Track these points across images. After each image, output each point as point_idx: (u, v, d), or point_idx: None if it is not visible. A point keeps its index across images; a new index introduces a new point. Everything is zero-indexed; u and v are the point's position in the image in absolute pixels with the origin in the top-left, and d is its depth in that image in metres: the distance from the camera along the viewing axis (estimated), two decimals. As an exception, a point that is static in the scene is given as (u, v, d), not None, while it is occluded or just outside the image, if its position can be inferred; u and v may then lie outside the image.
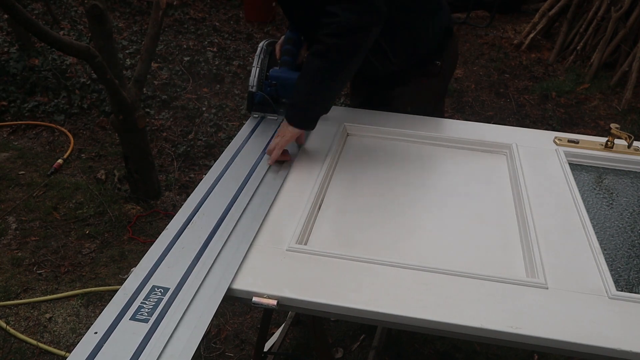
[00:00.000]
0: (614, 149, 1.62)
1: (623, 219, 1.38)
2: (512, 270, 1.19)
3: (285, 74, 1.61)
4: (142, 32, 4.55)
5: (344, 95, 4.04)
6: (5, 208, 2.76)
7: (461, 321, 1.01)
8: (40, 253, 2.50)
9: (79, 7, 4.82)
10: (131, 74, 3.52)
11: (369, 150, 1.61)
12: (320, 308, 1.04)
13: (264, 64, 1.65)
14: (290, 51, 1.62)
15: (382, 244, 1.25)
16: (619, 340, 0.99)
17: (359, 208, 1.37)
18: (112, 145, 3.34)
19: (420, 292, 1.07)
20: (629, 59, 4.08)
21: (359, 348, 2.11)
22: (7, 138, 3.40)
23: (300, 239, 1.20)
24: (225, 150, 1.53)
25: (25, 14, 1.97)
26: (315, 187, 1.37)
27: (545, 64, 4.54)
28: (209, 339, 2.13)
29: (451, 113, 3.89)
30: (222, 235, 1.19)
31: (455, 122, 1.80)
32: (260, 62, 1.65)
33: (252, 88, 1.64)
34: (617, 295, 1.09)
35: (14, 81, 3.76)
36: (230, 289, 1.05)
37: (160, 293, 1.02)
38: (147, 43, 2.57)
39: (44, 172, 3.05)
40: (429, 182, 1.48)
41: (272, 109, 1.69)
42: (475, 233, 1.30)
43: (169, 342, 0.92)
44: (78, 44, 2.16)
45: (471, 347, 2.10)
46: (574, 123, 3.81)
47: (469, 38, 4.96)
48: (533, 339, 0.99)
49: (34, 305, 2.25)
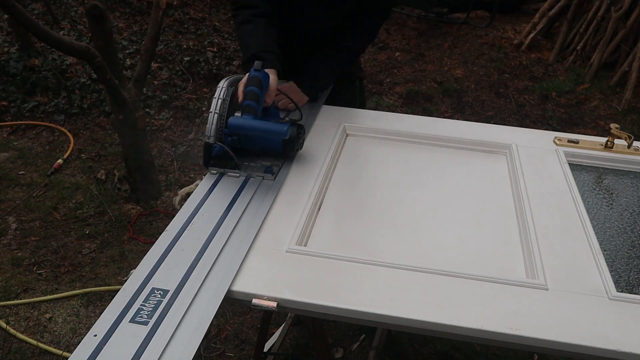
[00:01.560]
0: (613, 149, 1.62)
1: (623, 219, 1.38)
2: (512, 271, 1.18)
3: (249, 123, 1.37)
4: (142, 32, 4.55)
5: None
6: (5, 208, 2.76)
7: (461, 323, 1.01)
8: (40, 253, 2.50)
9: (79, 7, 4.82)
10: (131, 74, 3.52)
11: (369, 151, 1.61)
12: (320, 310, 1.04)
13: (224, 109, 1.38)
14: (255, 94, 1.39)
15: (382, 245, 1.25)
16: (619, 341, 0.99)
17: (358, 209, 1.36)
18: (112, 145, 3.34)
19: (420, 294, 1.07)
20: (629, 59, 4.08)
21: (359, 348, 2.11)
22: (7, 138, 3.40)
23: (300, 241, 1.20)
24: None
25: (25, 14, 1.97)
26: (315, 188, 1.37)
27: (545, 64, 4.54)
28: (209, 339, 2.13)
29: (451, 113, 3.88)
30: (221, 236, 1.18)
31: (455, 122, 1.80)
32: (219, 106, 1.37)
33: (209, 138, 1.35)
34: (617, 296, 1.09)
35: (14, 81, 3.76)
36: (230, 290, 1.04)
37: (160, 295, 1.02)
38: (147, 43, 2.57)
39: (44, 172, 3.05)
40: (429, 182, 1.48)
41: (233, 163, 1.40)
42: (475, 234, 1.30)
43: (169, 345, 0.92)
44: (78, 44, 2.16)
45: (471, 348, 2.10)
46: (574, 123, 3.81)
47: (469, 38, 4.96)
48: (533, 340, 0.99)
49: (34, 305, 2.25)
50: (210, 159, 1.40)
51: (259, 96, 1.39)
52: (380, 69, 4.45)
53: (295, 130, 1.40)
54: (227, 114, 1.39)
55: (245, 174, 1.39)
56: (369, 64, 4.52)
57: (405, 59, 4.63)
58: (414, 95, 4.08)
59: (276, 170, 1.41)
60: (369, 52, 4.72)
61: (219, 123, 1.36)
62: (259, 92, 1.39)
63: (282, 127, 1.37)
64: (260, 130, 1.37)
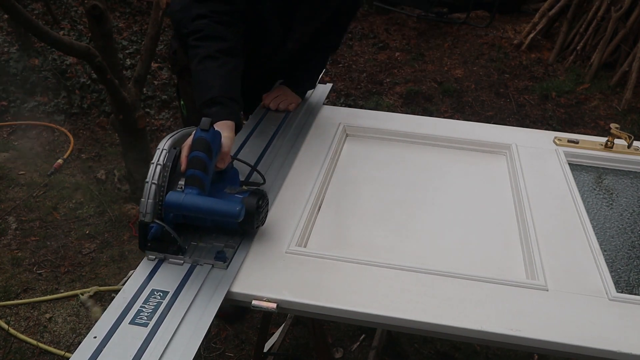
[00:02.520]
0: (613, 149, 1.62)
1: (623, 220, 1.38)
2: (512, 272, 1.18)
3: (191, 202, 1.07)
4: (142, 32, 4.55)
5: (344, 95, 4.04)
6: (5, 208, 2.76)
7: (461, 324, 1.01)
8: (40, 253, 2.50)
9: (79, 7, 4.81)
10: (131, 74, 3.52)
11: (368, 151, 1.61)
12: (320, 311, 1.04)
13: (164, 178, 1.09)
14: (201, 162, 1.10)
15: (382, 245, 1.25)
16: (619, 342, 0.98)
17: (358, 209, 1.36)
18: (112, 145, 3.34)
19: (419, 295, 1.07)
20: (629, 59, 4.08)
21: (359, 348, 2.11)
22: (7, 138, 3.40)
23: (299, 242, 1.20)
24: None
25: (25, 14, 1.97)
26: (315, 188, 1.37)
27: (545, 64, 4.54)
28: (209, 339, 2.13)
29: (451, 113, 3.88)
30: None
31: (455, 122, 1.80)
32: (158, 175, 1.08)
33: (145, 216, 1.07)
34: (617, 297, 1.09)
35: (14, 81, 3.76)
36: (230, 292, 1.04)
37: (160, 297, 1.02)
38: (147, 43, 2.57)
39: (44, 172, 3.05)
40: (429, 183, 1.48)
41: (176, 247, 1.10)
42: (475, 234, 1.30)
43: (169, 346, 0.91)
44: (78, 44, 2.16)
45: (471, 348, 2.10)
46: (574, 123, 3.81)
47: (469, 38, 4.96)
48: (533, 341, 0.99)
49: (34, 305, 2.25)
50: (147, 242, 1.10)
51: (206, 164, 1.11)
52: (380, 69, 4.45)
53: (255, 204, 1.11)
54: (169, 184, 1.11)
55: (190, 260, 1.10)
56: (369, 64, 4.52)
57: (405, 59, 4.63)
58: (414, 95, 4.08)
59: (231, 254, 1.12)
60: (369, 52, 4.72)
61: (157, 196, 1.08)
62: (207, 158, 1.11)
63: (233, 207, 1.07)
64: (205, 211, 1.08)
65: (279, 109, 1.72)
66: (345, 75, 4.33)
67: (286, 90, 1.77)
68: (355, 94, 4.06)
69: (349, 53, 4.67)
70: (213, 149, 1.13)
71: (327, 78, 4.16)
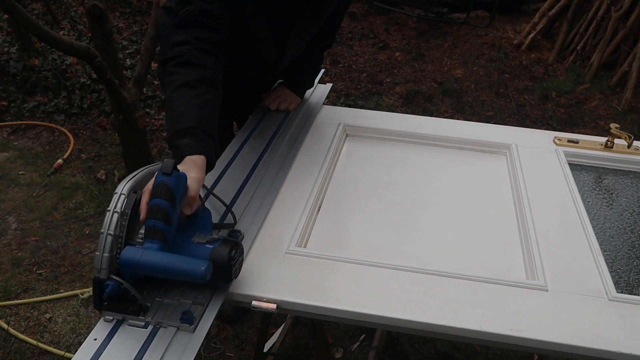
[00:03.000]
0: (613, 149, 1.62)
1: (623, 220, 1.38)
2: (512, 273, 1.18)
3: (149, 260, 0.92)
4: (142, 32, 4.55)
5: (344, 95, 4.04)
6: (5, 208, 2.76)
7: (461, 324, 1.01)
8: (40, 253, 2.50)
9: (79, 7, 4.82)
10: (131, 74, 3.52)
11: (368, 151, 1.61)
12: (320, 311, 1.04)
13: (122, 227, 0.96)
14: (163, 212, 0.95)
15: (382, 246, 1.25)
16: (619, 342, 0.98)
17: (358, 210, 1.36)
18: (112, 145, 3.34)
19: (419, 295, 1.07)
20: (629, 59, 4.07)
21: (359, 348, 2.11)
22: (7, 138, 3.40)
23: (299, 242, 1.20)
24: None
25: (25, 14, 1.97)
26: (315, 188, 1.37)
27: (545, 64, 4.54)
28: (209, 339, 2.13)
29: (451, 113, 3.88)
30: (221, 237, 1.17)
31: (455, 122, 1.80)
32: (115, 225, 0.94)
33: (100, 272, 0.94)
34: (617, 297, 1.09)
35: (14, 81, 3.76)
36: (230, 292, 1.04)
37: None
38: (147, 43, 2.57)
39: (44, 172, 3.05)
40: (429, 182, 1.48)
41: (136, 307, 0.96)
42: (475, 234, 1.30)
43: (169, 347, 0.91)
44: (78, 44, 2.16)
45: (471, 347, 2.11)
46: (574, 123, 3.80)
47: (469, 38, 4.96)
48: (533, 341, 0.99)
49: (34, 305, 2.25)
50: (102, 301, 0.96)
51: (169, 213, 0.95)
52: (380, 69, 4.45)
53: (226, 255, 0.97)
54: (128, 233, 0.97)
55: (153, 321, 0.95)
56: (369, 64, 4.52)
57: (405, 59, 4.63)
58: (414, 95, 4.08)
59: (199, 312, 0.97)
60: (369, 52, 4.72)
61: (114, 249, 0.94)
62: (169, 207, 0.95)
63: (198, 267, 0.92)
64: (165, 271, 0.94)
65: (279, 109, 1.73)
66: (345, 75, 4.33)
67: (286, 90, 1.78)
68: (355, 94, 4.06)
69: (349, 53, 4.67)
70: (176, 195, 0.97)
71: (327, 78, 4.16)
